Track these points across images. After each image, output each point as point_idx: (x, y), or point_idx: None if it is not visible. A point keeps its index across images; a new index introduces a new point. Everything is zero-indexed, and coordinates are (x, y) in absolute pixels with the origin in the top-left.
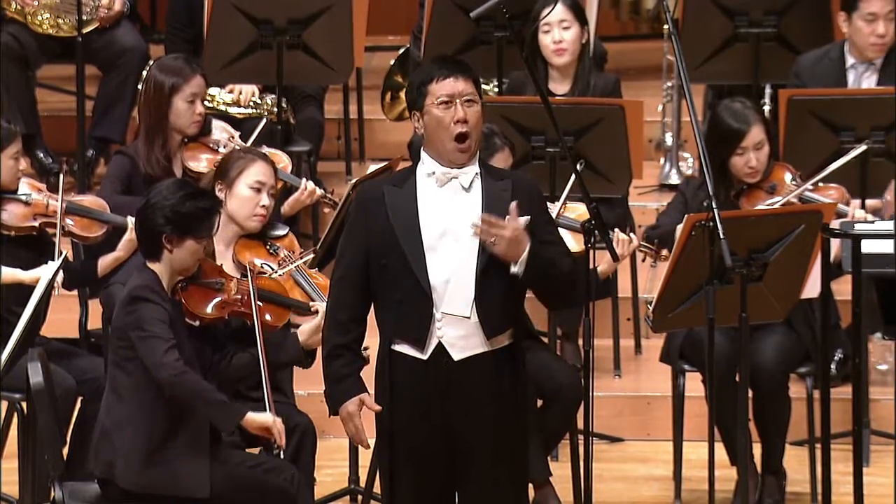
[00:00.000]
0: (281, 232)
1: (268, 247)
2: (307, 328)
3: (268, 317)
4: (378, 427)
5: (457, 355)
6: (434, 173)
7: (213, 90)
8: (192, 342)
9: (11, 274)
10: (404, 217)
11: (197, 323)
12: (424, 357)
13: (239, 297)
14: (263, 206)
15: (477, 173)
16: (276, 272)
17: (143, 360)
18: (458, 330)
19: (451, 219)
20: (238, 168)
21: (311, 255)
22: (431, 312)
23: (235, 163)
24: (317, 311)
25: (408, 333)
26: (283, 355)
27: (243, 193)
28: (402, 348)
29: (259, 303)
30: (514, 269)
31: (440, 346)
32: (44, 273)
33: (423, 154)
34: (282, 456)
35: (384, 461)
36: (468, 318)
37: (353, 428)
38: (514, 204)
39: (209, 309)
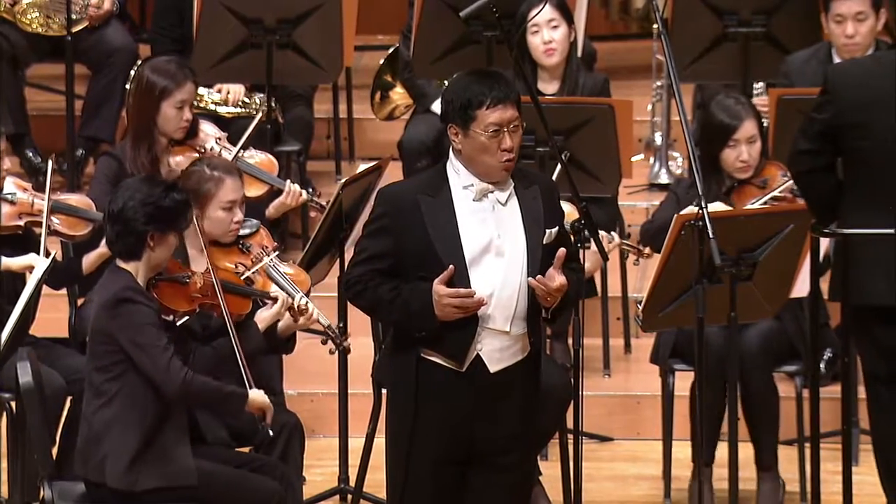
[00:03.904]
0: (249, 231)
1: (240, 246)
2: (266, 315)
3: (232, 307)
4: (397, 430)
5: (493, 367)
6: (472, 185)
7: (201, 90)
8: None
9: (1, 262)
10: (444, 231)
11: (171, 318)
12: (462, 369)
13: (206, 290)
14: (237, 221)
15: (511, 184)
16: (249, 271)
17: (145, 371)
18: (496, 343)
19: (492, 234)
20: (208, 191)
21: (280, 249)
22: (476, 328)
23: (204, 185)
24: (275, 299)
25: (446, 346)
26: (247, 345)
27: (218, 216)
28: (436, 359)
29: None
30: (544, 314)
31: (478, 357)
32: (32, 260)
33: (457, 164)
34: (270, 433)
35: (401, 465)
36: (508, 332)
37: (456, 301)
38: (561, 252)
39: (182, 302)
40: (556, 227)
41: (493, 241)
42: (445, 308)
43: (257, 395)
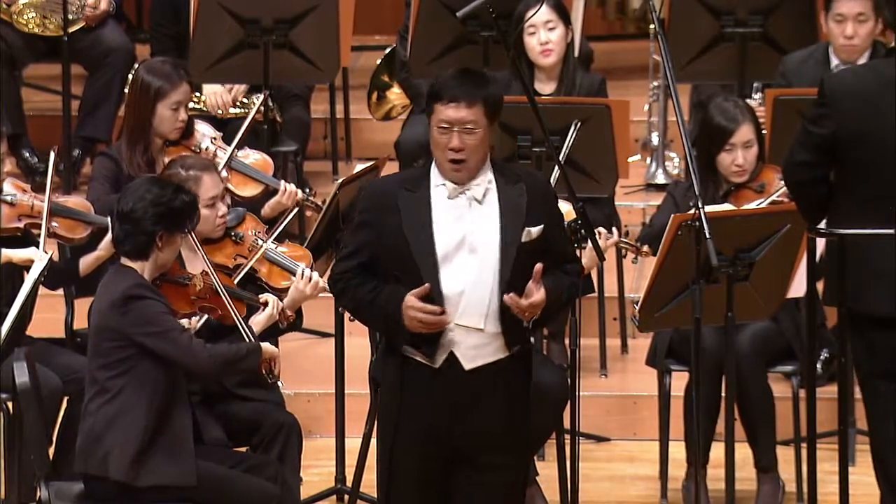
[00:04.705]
0: (236, 220)
1: (232, 238)
2: (260, 319)
3: (227, 311)
4: (383, 426)
5: (468, 364)
6: (445, 184)
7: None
8: None
9: (2, 253)
10: (418, 227)
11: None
12: (435, 366)
13: (205, 291)
14: (222, 215)
15: (490, 182)
16: (250, 262)
17: (167, 356)
18: (471, 340)
19: (466, 231)
20: None
21: (284, 224)
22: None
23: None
24: (266, 303)
25: (419, 342)
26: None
27: (202, 213)
28: (413, 354)
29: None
30: (525, 324)
31: (451, 355)
32: (33, 254)
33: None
34: (280, 384)
35: (386, 460)
36: (482, 329)
37: (419, 318)
38: (538, 268)
39: (183, 304)
40: (541, 227)
41: (465, 237)
42: (412, 320)
43: (267, 346)
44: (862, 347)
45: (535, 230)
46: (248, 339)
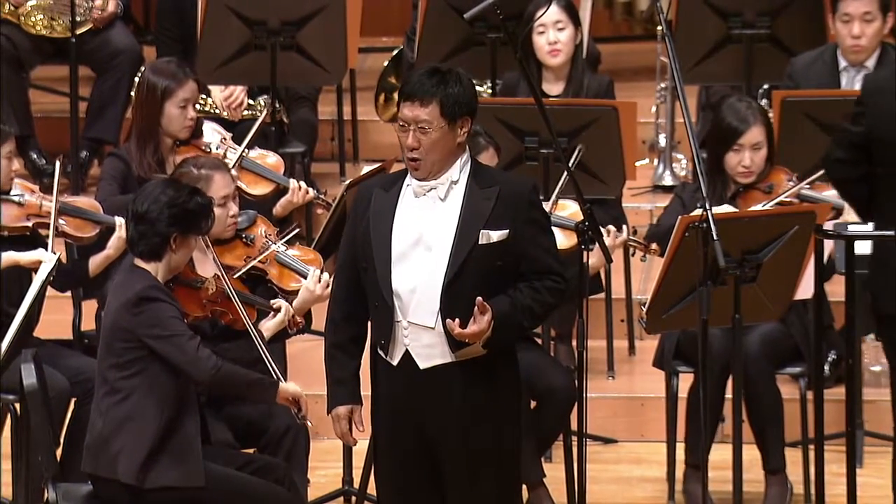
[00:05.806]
0: (248, 223)
1: (243, 239)
2: (271, 325)
3: (238, 315)
4: (372, 426)
5: (422, 364)
6: (412, 183)
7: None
8: None
9: (9, 256)
10: (381, 223)
11: (185, 321)
12: (394, 363)
13: (217, 295)
14: (233, 215)
15: (454, 182)
16: (254, 259)
17: (171, 359)
18: (423, 339)
19: (424, 228)
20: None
21: (293, 233)
22: (393, 321)
23: (195, 185)
24: (279, 309)
25: (380, 339)
26: (254, 353)
27: (214, 213)
28: (380, 351)
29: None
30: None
31: (407, 353)
32: (40, 255)
33: None
34: (308, 425)
35: (375, 459)
36: (433, 328)
37: (338, 430)
38: (479, 301)
39: (195, 307)
40: (504, 231)
41: (423, 235)
42: (333, 423)
43: (288, 386)
44: (886, 344)
45: (495, 234)
46: (258, 345)
